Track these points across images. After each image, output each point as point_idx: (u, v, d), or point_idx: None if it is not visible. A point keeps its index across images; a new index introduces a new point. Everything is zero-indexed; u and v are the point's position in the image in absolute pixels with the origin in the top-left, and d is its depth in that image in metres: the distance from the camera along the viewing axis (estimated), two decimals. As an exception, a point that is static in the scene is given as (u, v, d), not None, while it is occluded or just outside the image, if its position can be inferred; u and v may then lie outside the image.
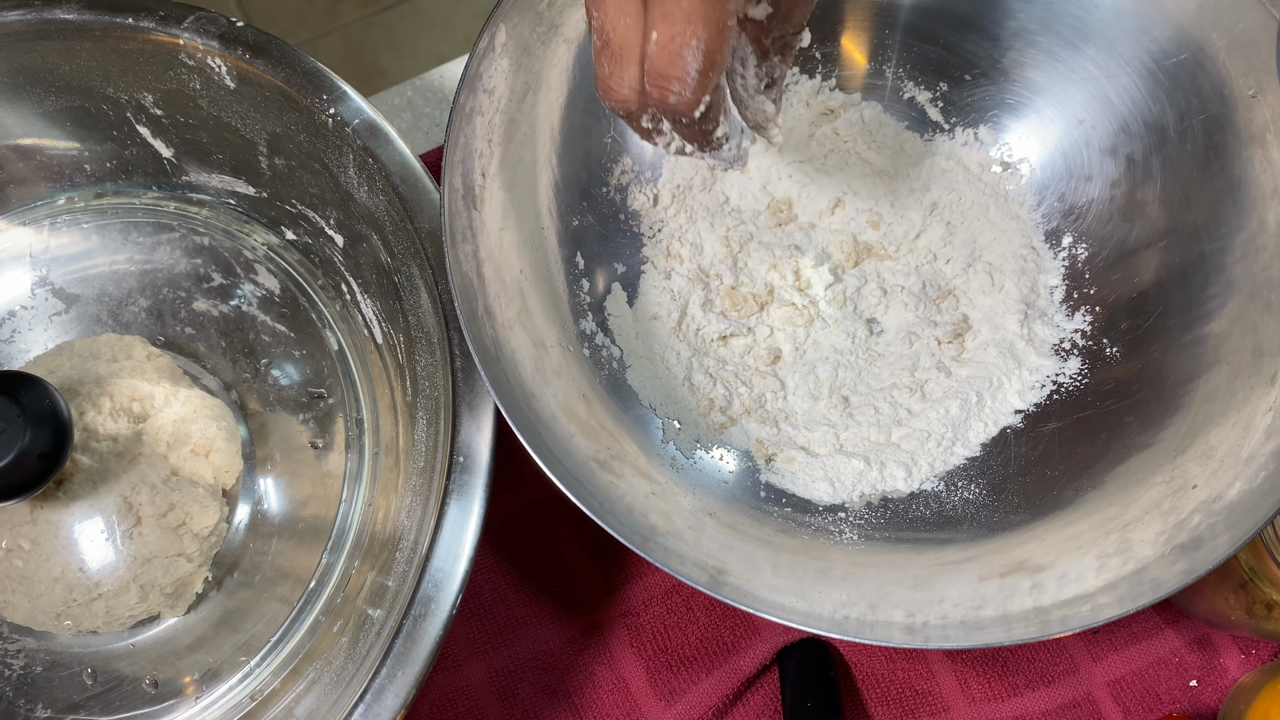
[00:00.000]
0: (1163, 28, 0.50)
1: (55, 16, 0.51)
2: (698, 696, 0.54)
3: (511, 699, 0.55)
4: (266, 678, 0.51)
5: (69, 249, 0.58)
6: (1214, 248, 0.50)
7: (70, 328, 0.57)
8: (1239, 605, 0.50)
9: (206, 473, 0.52)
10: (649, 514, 0.46)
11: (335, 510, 0.53)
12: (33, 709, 0.52)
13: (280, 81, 0.49)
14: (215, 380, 0.56)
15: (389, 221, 0.49)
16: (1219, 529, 0.43)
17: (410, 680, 0.42)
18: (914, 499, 0.52)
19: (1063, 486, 0.50)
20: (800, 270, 0.55)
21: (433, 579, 0.43)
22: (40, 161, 0.57)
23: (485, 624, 0.55)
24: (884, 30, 0.57)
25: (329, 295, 0.56)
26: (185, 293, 0.57)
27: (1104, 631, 0.56)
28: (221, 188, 0.57)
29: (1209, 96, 0.50)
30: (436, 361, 0.48)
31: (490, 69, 0.47)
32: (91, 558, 0.50)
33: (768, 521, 0.51)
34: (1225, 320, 0.49)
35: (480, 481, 0.44)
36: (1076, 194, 0.55)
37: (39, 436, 0.44)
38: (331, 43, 1.35)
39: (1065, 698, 0.55)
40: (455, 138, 0.46)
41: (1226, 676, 0.56)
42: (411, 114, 0.64)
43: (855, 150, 0.58)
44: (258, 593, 0.53)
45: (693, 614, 0.56)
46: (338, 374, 0.55)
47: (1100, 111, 0.54)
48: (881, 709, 0.55)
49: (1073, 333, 0.54)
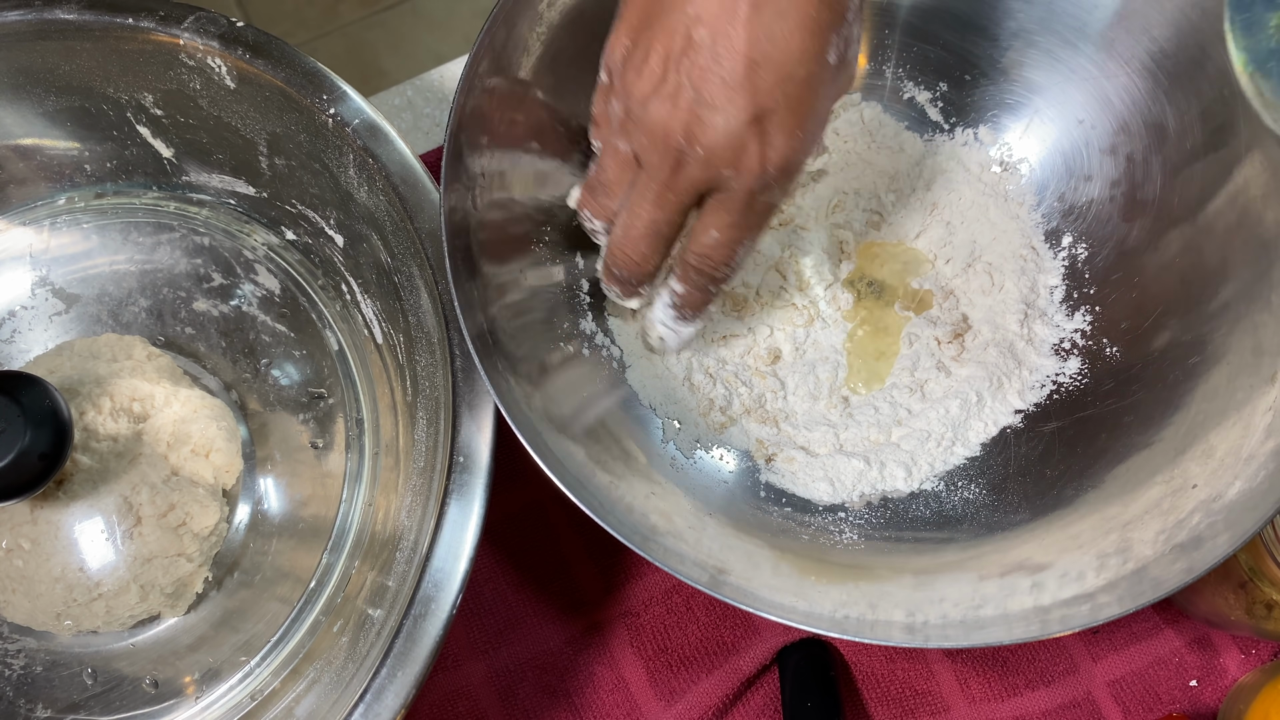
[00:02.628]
0: (1163, 28, 0.50)
1: (55, 16, 0.51)
2: (698, 696, 0.54)
3: (511, 699, 0.55)
4: (266, 678, 0.51)
5: (69, 249, 0.58)
6: (1214, 248, 0.50)
7: (70, 328, 0.57)
8: (1239, 605, 0.50)
9: (206, 473, 0.52)
10: (649, 514, 0.46)
11: (335, 510, 0.53)
12: (33, 709, 0.52)
13: (280, 81, 0.49)
14: (215, 380, 0.56)
15: (389, 221, 0.49)
16: (1219, 529, 0.43)
17: (410, 680, 0.42)
18: (914, 499, 0.52)
19: (1063, 486, 0.50)
20: (800, 270, 0.55)
21: (433, 579, 0.43)
22: (40, 161, 0.57)
23: (485, 624, 0.55)
24: (883, 30, 0.57)
25: (329, 295, 0.56)
26: (185, 293, 0.57)
27: (1104, 631, 0.56)
28: (221, 188, 0.57)
29: (1209, 96, 0.50)
30: (436, 361, 0.48)
31: (491, 68, 0.47)
32: (91, 558, 0.50)
33: (768, 521, 0.51)
34: (1225, 320, 0.49)
35: (480, 481, 0.44)
36: (1076, 194, 0.55)
37: (39, 436, 0.44)
38: (331, 43, 1.35)
39: (1065, 698, 0.55)
40: (456, 137, 0.46)
41: (1226, 676, 0.56)
42: (411, 114, 0.64)
43: (855, 150, 0.58)
44: (258, 593, 0.53)
45: (693, 614, 0.56)
46: (338, 374, 0.55)
47: (1100, 111, 0.54)
48: (881, 709, 0.55)
49: (1073, 333, 0.54)
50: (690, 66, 0.39)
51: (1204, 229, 0.50)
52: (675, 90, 0.40)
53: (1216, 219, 0.50)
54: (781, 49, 0.38)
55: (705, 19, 0.39)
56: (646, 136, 0.41)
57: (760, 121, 0.39)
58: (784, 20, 0.38)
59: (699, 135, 0.40)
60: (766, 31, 0.38)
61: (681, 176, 0.41)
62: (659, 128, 0.40)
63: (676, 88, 0.40)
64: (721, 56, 0.39)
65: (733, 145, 0.40)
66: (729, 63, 0.39)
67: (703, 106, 0.39)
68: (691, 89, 0.39)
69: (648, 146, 0.41)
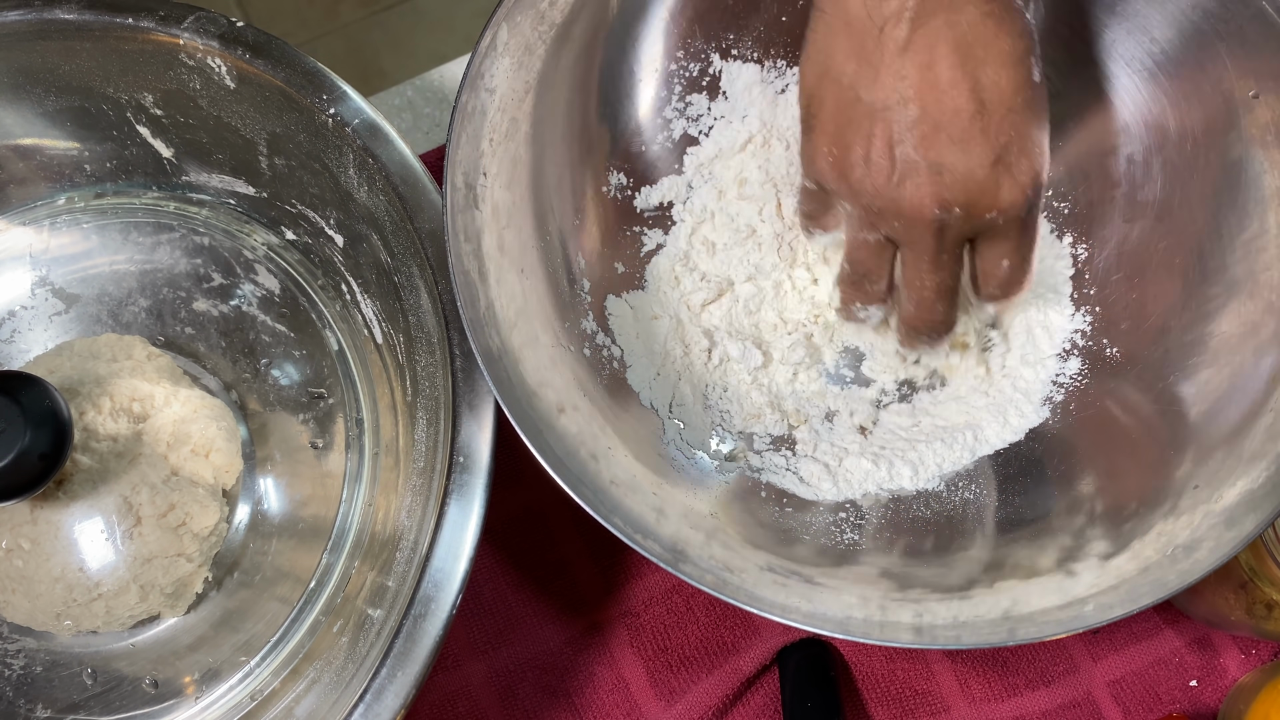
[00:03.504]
0: (1163, 28, 0.50)
1: (55, 16, 0.51)
2: (698, 696, 0.54)
3: (511, 699, 0.55)
4: (266, 678, 0.51)
5: (69, 249, 0.58)
6: (1214, 248, 0.50)
7: (70, 328, 0.57)
8: (1239, 605, 0.50)
9: (206, 473, 0.52)
10: (650, 513, 0.46)
11: (335, 510, 0.53)
12: (33, 709, 0.52)
13: (280, 81, 0.49)
14: (215, 380, 0.56)
15: (389, 221, 0.49)
16: (1220, 529, 0.43)
17: (410, 680, 0.42)
18: (915, 499, 0.52)
19: (1063, 486, 0.50)
20: (810, 267, 0.55)
21: (433, 579, 0.43)
22: (40, 161, 0.57)
23: (485, 624, 0.55)
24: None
25: (329, 295, 0.56)
26: (185, 293, 0.57)
27: (1104, 631, 0.56)
28: (221, 188, 0.57)
29: (1209, 96, 0.50)
30: (436, 361, 0.48)
31: (492, 68, 0.47)
32: (91, 558, 0.50)
33: (769, 520, 0.51)
34: (1225, 320, 0.49)
35: (480, 481, 0.44)
36: (1077, 194, 0.55)
37: (39, 436, 0.44)
38: (331, 43, 1.35)
39: (1065, 698, 0.55)
40: (456, 137, 0.46)
41: (1226, 676, 0.56)
42: (411, 114, 0.64)
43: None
44: (258, 593, 0.53)
45: (693, 614, 0.56)
46: (338, 374, 0.55)
47: (1100, 111, 0.54)
48: (881, 709, 0.55)
49: (1073, 333, 0.54)
50: (916, 141, 0.40)
51: (1204, 230, 0.50)
52: (912, 168, 0.41)
53: (1217, 220, 0.50)
54: (994, 89, 0.40)
55: (912, 96, 0.40)
56: (899, 220, 0.42)
57: (1002, 159, 0.41)
58: (987, 65, 0.40)
59: (952, 197, 0.41)
60: (974, 82, 0.40)
61: (948, 238, 0.43)
62: (909, 209, 0.41)
63: (911, 166, 0.41)
64: (942, 121, 0.40)
65: (987, 192, 0.41)
66: (952, 123, 0.40)
67: (945, 171, 0.41)
68: (925, 161, 0.40)
69: (904, 228, 0.43)
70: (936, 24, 0.39)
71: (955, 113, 0.40)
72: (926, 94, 0.40)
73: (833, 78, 0.42)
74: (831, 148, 0.43)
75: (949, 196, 0.41)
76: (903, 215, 0.42)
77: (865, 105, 0.41)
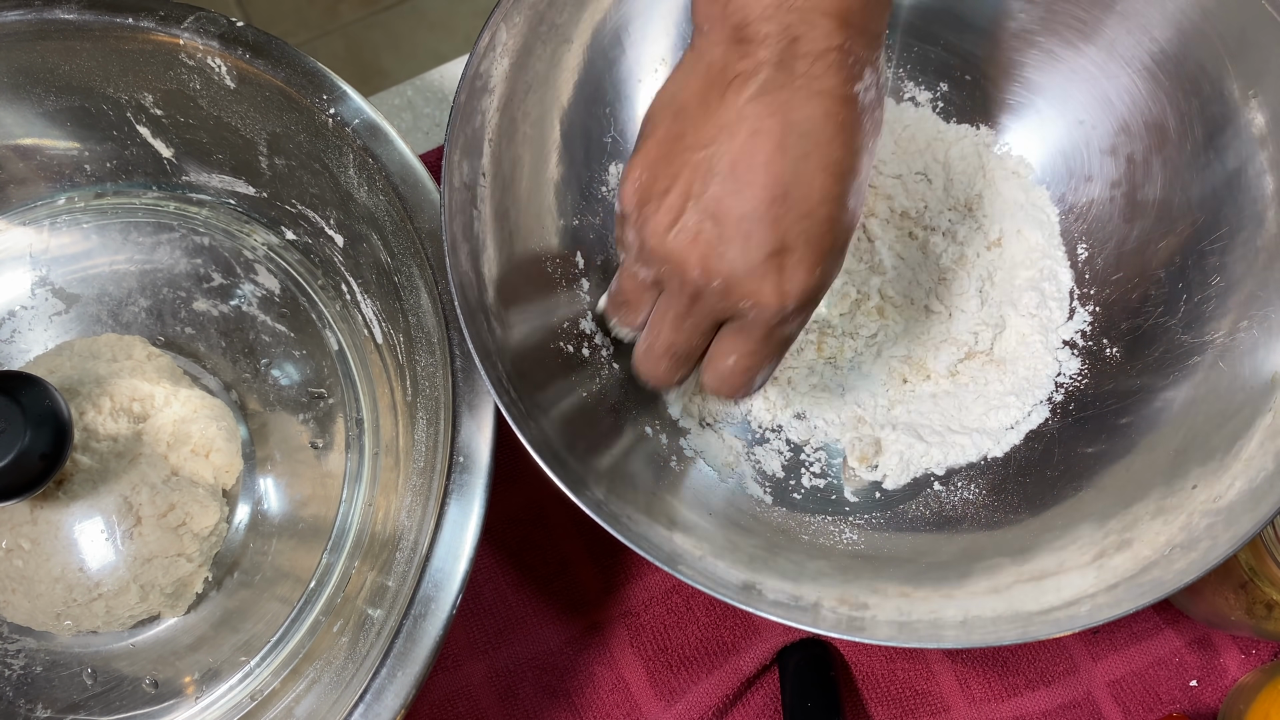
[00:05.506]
0: (1163, 28, 0.50)
1: (55, 16, 0.51)
2: (698, 696, 0.54)
3: (511, 699, 0.55)
4: (266, 678, 0.51)
5: (69, 249, 0.58)
6: (1214, 248, 0.50)
7: (70, 328, 0.57)
8: (1239, 605, 0.50)
9: (206, 473, 0.52)
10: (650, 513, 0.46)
11: (335, 510, 0.53)
12: (33, 709, 0.52)
13: (280, 81, 0.49)
14: (215, 380, 0.56)
15: (389, 221, 0.49)
16: (1219, 529, 0.43)
17: (410, 680, 0.42)
18: (916, 500, 0.52)
19: (1062, 486, 0.50)
20: None
21: (433, 579, 0.43)
22: (40, 161, 0.57)
23: (485, 624, 0.55)
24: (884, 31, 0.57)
25: (329, 295, 0.56)
26: (185, 293, 0.57)
27: (1104, 631, 0.56)
28: (221, 188, 0.57)
29: (1209, 96, 0.50)
30: (436, 361, 0.48)
31: (491, 69, 0.47)
32: (91, 558, 0.50)
33: (768, 520, 0.51)
34: (1225, 321, 0.49)
35: (480, 481, 0.44)
36: (1076, 194, 0.55)
37: (39, 436, 0.44)
38: (331, 43, 1.35)
39: (1065, 698, 0.55)
40: (456, 137, 0.46)
41: (1226, 676, 0.56)
42: (411, 114, 0.64)
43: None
44: (258, 593, 0.53)
45: (693, 614, 0.56)
46: (338, 374, 0.55)
47: (1100, 111, 0.54)
48: (881, 709, 0.55)
49: (1073, 333, 0.54)
50: (711, 201, 0.39)
51: (1204, 230, 0.50)
52: (695, 225, 0.40)
53: (1217, 220, 0.50)
54: (804, 188, 0.39)
55: (728, 155, 0.39)
56: (665, 267, 0.41)
57: (779, 256, 0.39)
58: (808, 161, 0.39)
59: (717, 269, 0.40)
60: (791, 170, 0.39)
61: (700, 306, 0.42)
62: (677, 261, 0.40)
63: (697, 223, 0.40)
64: (743, 192, 0.39)
65: (751, 279, 0.40)
66: (750, 198, 0.39)
67: (722, 241, 0.39)
68: (712, 224, 0.39)
69: (667, 276, 0.42)
70: (781, 98, 0.38)
71: (757, 188, 0.39)
72: (740, 159, 0.39)
73: (674, 110, 0.41)
74: (643, 174, 0.41)
75: (715, 267, 0.40)
76: (670, 264, 0.41)
77: (687, 145, 0.40)
